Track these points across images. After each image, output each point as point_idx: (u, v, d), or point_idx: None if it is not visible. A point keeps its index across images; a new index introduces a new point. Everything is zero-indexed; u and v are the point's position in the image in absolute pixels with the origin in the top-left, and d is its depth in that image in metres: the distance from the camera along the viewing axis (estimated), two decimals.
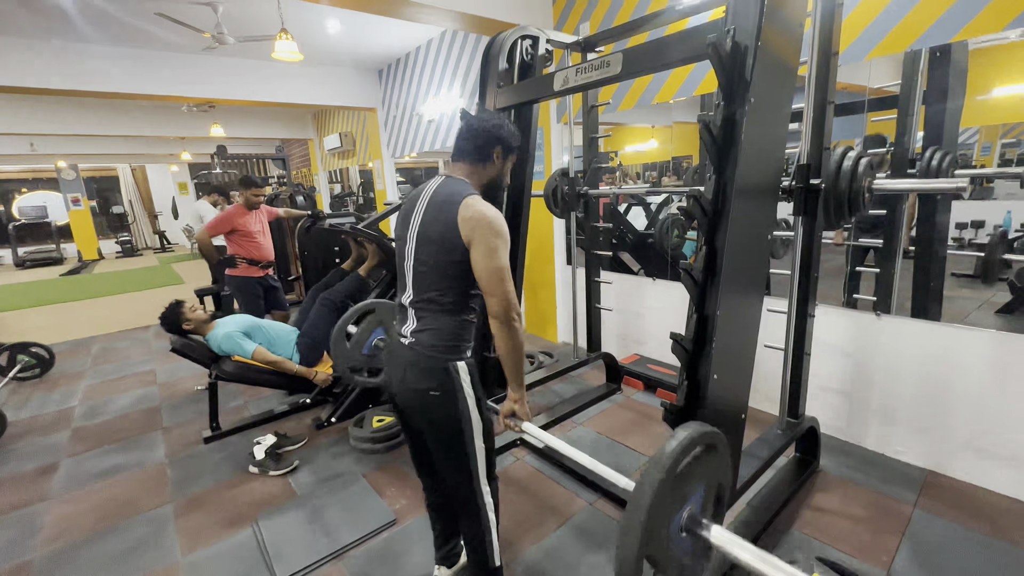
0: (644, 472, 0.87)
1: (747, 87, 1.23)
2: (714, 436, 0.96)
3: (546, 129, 3.70)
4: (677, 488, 0.90)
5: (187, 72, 4.77)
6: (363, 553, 1.81)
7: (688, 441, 0.90)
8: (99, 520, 2.08)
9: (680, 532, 0.93)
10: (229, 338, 2.66)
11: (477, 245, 1.20)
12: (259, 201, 3.45)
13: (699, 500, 0.96)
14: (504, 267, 1.21)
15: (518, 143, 1.40)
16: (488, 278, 1.20)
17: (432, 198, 1.28)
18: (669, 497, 0.88)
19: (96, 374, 3.90)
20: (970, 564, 1.61)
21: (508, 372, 1.30)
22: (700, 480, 0.95)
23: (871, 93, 2.29)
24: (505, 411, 1.37)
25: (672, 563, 0.91)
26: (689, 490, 0.93)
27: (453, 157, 1.37)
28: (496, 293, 1.20)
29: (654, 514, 0.84)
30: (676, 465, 0.88)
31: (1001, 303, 2.34)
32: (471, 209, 1.21)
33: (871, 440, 2.28)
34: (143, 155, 10.93)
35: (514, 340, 1.24)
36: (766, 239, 1.46)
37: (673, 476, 0.88)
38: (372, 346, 2.14)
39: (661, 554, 0.89)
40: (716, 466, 0.99)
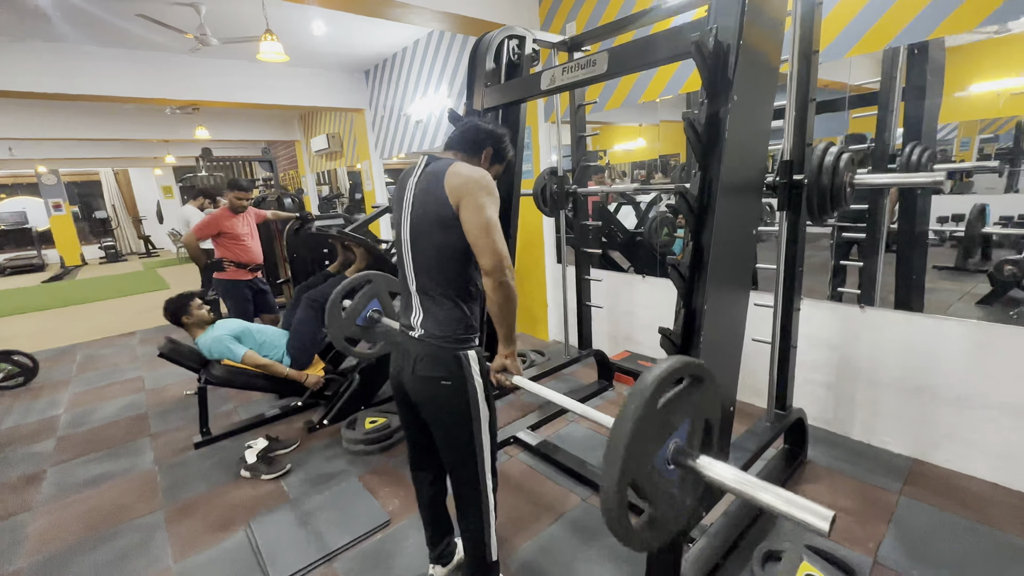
0: (625, 403, 0.86)
1: (730, 85, 1.25)
2: (697, 367, 0.95)
3: (534, 129, 3.71)
4: (661, 419, 0.88)
5: (170, 74, 4.70)
6: (357, 554, 1.80)
7: (669, 371, 0.88)
8: (87, 529, 2.05)
9: (667, 464, 0.93)
10: (219, 341, 2.64)
11: (465, 204, 1.20)
12: (244, 204, 3.42)
13: (685, 432, 0.95)
14: (493, 220, 1.20)
15: (510, 156, 1.44)
16: (478, 233, 1.19)
17: (419, 179, 1.29)
18: (652, 428, 0.86)
19: (81, 382, 3.83)
20: (954, 549, 1.65)
21: (500, 328, 1.30)
22: (685, 412, 0.94)
23: (852, 90, 2.34)
24: (496, 366, 1.37)
25: (660, 494, 0.91)
26: (674, 421, 0.92)
27: (445, 146, 1.40)
28: (487, 248, 1.19)
29: (636, 444, 0.83)
30: (657, 395, 0.86)
31: (982, 294, 2.40)
32: (457, 174, 1.22)
33: (857, 430, 2.32)
34: (126, 159, 10.78)
35: (507, 297, 1.23)
36: (752, 234, 1.48)
37: (654, 408, 0.86)
38: (367, 317, 2.12)
39: (648, 485, 0.88)
40: (702, 398, 0.97)
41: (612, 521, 0.85)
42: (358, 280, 2.13)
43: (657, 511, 0.92)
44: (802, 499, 0.84)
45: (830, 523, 0.79)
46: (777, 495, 0.86)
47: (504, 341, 1.33)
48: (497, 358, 1.36)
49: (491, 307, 1.25)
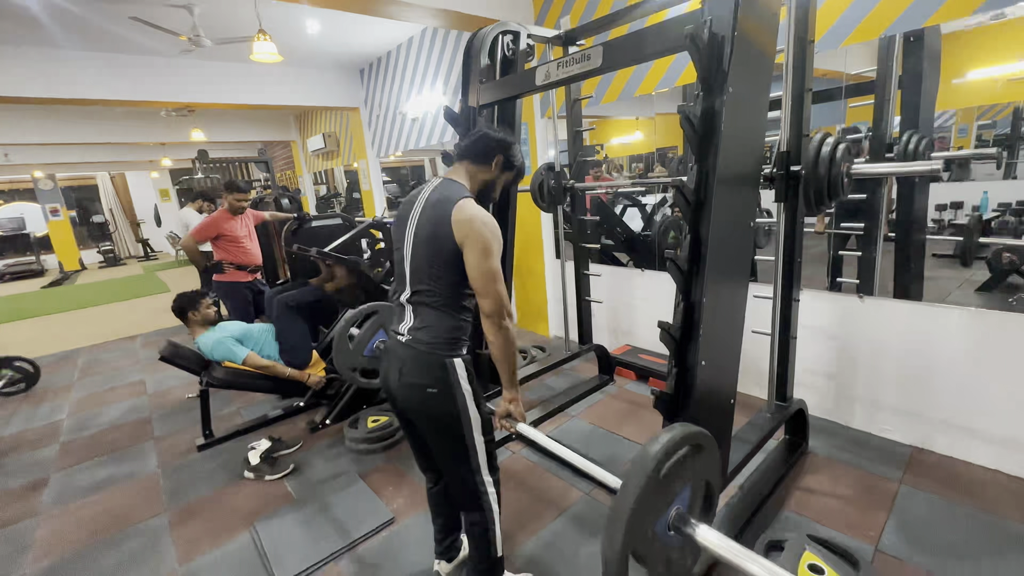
0: (626, 475, 0.89)
1: (725, 77, 1.25)
2: (699, 436, 0.97)
3: (530, 124, 3.70)
4: (662, 489, 0.91)
5: (165, 76, 4.69)
6: (363, 553, 1.81)
7: (671, 444, 0.91)
8: (92, 534, 2.06)
9: (668, 530, 0.95)
10: (221, 343, 2.64)
11: (470, 247, 1.22)
12: (243, 206, 3.41)
13: (686, 499, 0.98)
14: (496, 269, 1.24)
15: (519, 164, 1.45)
16: (481, 279, 1.23)
17: (428, 199, 1.31)
18: (654, 498, 0.89)
19: (83, 386, 3.84)
20: (955, 536, 1.65)
21: (502, 373, 1.33)
22: (686, 479, 0.97)
23: (848, 79, 2.33)
24: (500, 412, 1.40)
25: (658, 559, 0.93)
26: (675, 489, 0.95)
27: (456, 156, 1.42)
28: (488, 294, 1.23)
29: (637, 516, 0.86)
30: (660, 467, 0.89)
31: (980, 282, 2.40)
32: (464, 212, 1.24)
33: (858, 420, 2.33)
34: (122, 162, 10.74)
35: (507, 340, 1.27)
36: (749, 226, 1.48)
37: (656, 480, 0.89)
38: (374, 348, 2.14)
39: (647, 550, 0.90)
40: (703, 465, 1.00)
41: None
42: (364, 311, 2.15)
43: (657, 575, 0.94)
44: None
45: None
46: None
47: (507, 386, 1.36)
48: (501, 403, 1.39)
49: (492, 350, 1.29)
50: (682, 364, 1.36)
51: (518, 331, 4.25)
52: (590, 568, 1.66)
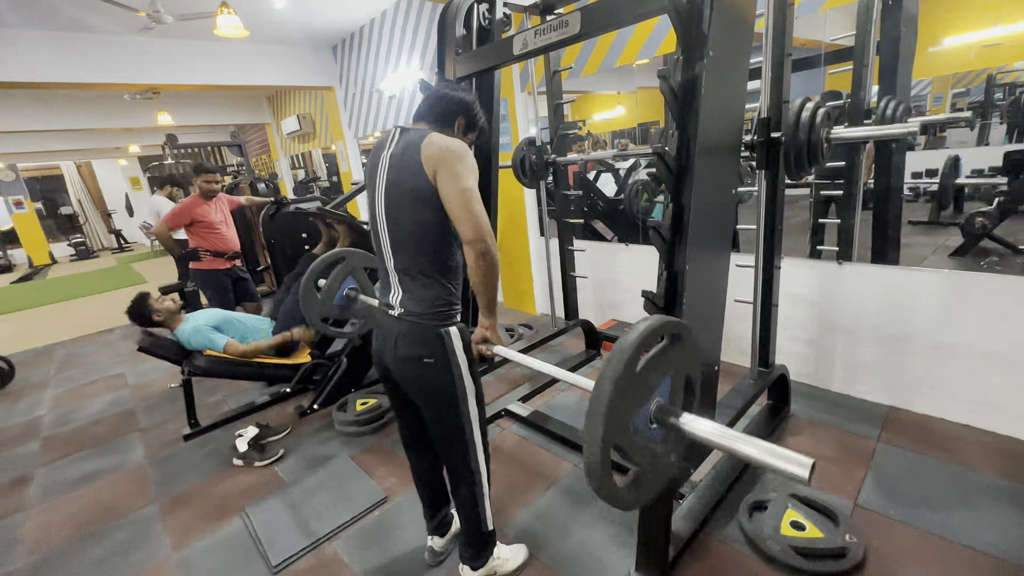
0: (603, 367, 0.87)
1: (705, 40, 1.22)
2: (676, 325, 0.94)
3: (510, 99, 3.63)
4: (641, 380, 0.89)
5: (124, 57, 4.45)
6: (356, 532, 1.83)
7: (647, 332, 0.88)
8: (81, 526, 2.03)
9: (650, 423, 0.94)
10: (198, 332, 2.59)
11: (442, 174, 1.17)
12: (214, 188, 3.30)
13: (667, 390, 0.97)
14: (471, 188, 1.18)
15: (482, 123, 1.39)
16: (457, 202, 1.17)
17: (393, 152, 1.25)
18: (632, 389, 0.87)
19: (62, 381, 3.75)
20: (929, 488, 1.73)
21: (480, 299, 1.27)
22: (666, 371, 0.94)
23: (827, 47, 2.32)
24: (477, 338, 1.35)
25: (642, 453, 0.93)
26: (654, 381, 0.92)
27: (414, 117, 1.35)
28: (466, 217, 1.17)
29: (615, 408, 0.83)
30: (635, 358, 0.86)
31: (954, 246, 2.46)
32: (433, 145, 1.19)
33: (837, 383, 2.40)
34: (87, 150, 10.30)
35: (489, 266, 1.20)
36: (731, 194, 1.48)
37: (633, 369, 0.86)
38: (343, 296, 2.08)
39: (629, 445, 0.89)
40: (682, 356, 0.98)
41: (596, 484, 0.86)
42: (330, 258, 2.08)
43: (641, 470, 0.94)
44: (782, 449, 0.85)
45: (810, 470, 0.81)
46: (758, 447, 0.87)
47: (485, 312, 1.31)
48: (478, 329, 1.35)
49: (472, 277, 1.23)
50: None
51: (504, 310, 4.26)
52: (582, 536, 1.70)
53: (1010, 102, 2.48)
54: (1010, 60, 2.36)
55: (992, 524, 1.55)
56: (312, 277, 2.07)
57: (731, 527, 1.65)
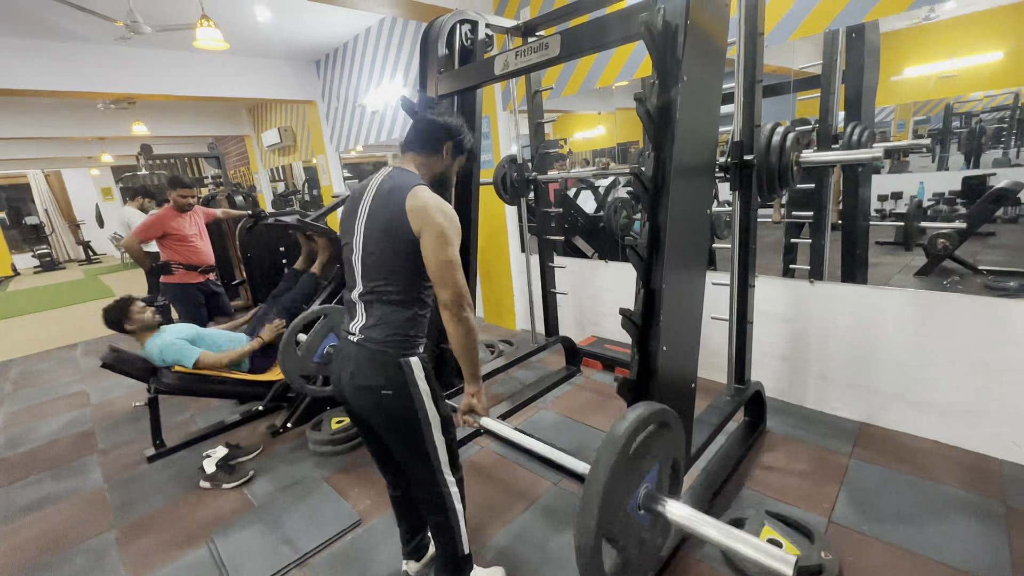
0: (596, 456, 0.88)
1: (679, 65, 1.26)
2: (664, 413, 0.98)
3: (492, 118, 3.67)
4: (631, 468, 0.91)
5: (100, 65, 4.37)
6: (328, 557, 1.76)
7: (638, 421, 0.91)
8: (32, 556, 1.91)
9: (638, 509, 0.95)
10: (170, 347, 2.50)
11: (427, 235, 1.17)
12: (189, 202, 3.23)
13: (654, 477, 0.98)
14: (454, 258, 1.19)
15: (470, 146, 1.40)
16: (439, 269, 1.18)
17: (379, 188, 1.25)
18: (623, 477, 0.89)
19: (17, 399, 3.56)
20: (900, 503, 1.76)
21: (463, 365, 1.28)
22: (654, 457, 0.97)
23: (796, 75, 2.42)
24: (463, 408, 1.36)
25: (631, 540, 0.93)
26: (644, 468, 0.95)
27: (403, 147, 1.35)
28: (447, 284, 1.18)
29: (609, 497, 0.85)
30: (628, 446, 0.89)
31: (919, 266, 2.56)
32: (419, 199, 1.18)
33: (811, 399, 2.44)
34: (57, 159, 10.02)
35: (467, 332, 1.22)
36: (706, 214, 1.51)
37: (626, 458, 0.89)
38: (324, 353, 2.06)
39: (620, 532, 0.90)
40: (669, 442, 1.01)
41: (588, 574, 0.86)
42: (312, 315, 2.07)
43: (629, 556, 0.94)
44: (766, 544, 0.88)
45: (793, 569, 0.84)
46: (744, 540, 0.90)
47: (469, 380, 1.31)
48: (464, 398, 1.34)
49: (452, 343, 1.23)
50: (644, 350, 1.38)
51: (485, 326, 4.23)
52: (561, 558, 1.67)
53: (967, 130, 2.63)
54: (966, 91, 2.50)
55: (961, 538, 1.58)
56: (292, 333, 2.05)
57: (709, 545, 1.64)
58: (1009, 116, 2.50)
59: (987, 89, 2.43)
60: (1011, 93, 2.44)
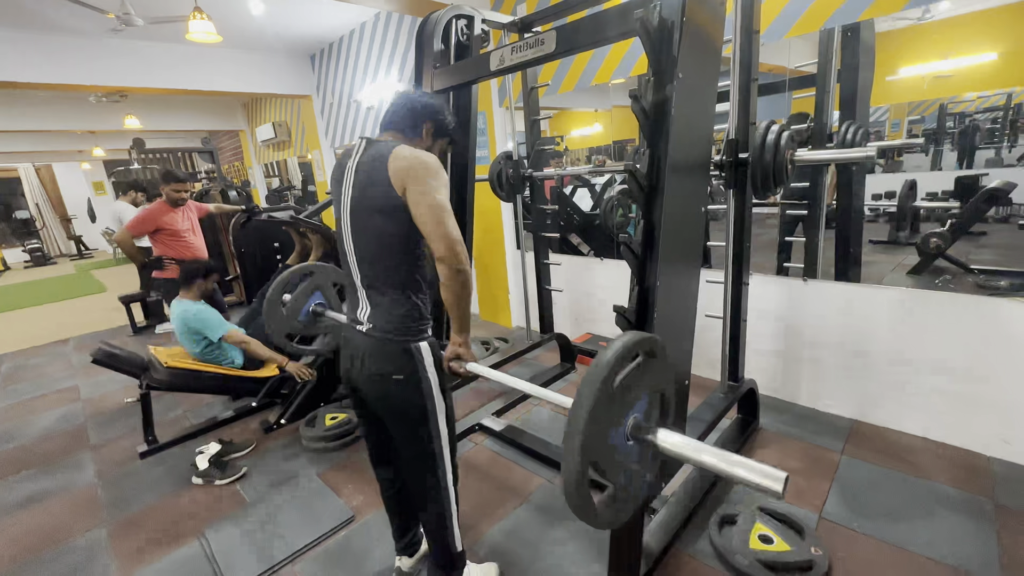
0: (580, 385, 0.86)
1: (675, 62, 1.26)
2: (651, 342, 0.94)
3: (489, 114, 3.66)
4: (617, 398, 0.88)
5: (92, 58, 4.32)
6: (321, 553, 1.75)
7: (623, 349, 0.88)
8: (20, 553, 1.89)
9: (627, 441, 0.94)
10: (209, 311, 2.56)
11: (412, 188, 1.13)
12: (182, 197, 3.20)
13: (643, 407, 0.96)
14: (443, 204, 1.14)
15: (451, 128, 1.37)
16: (428, 218, 1.13)
17: (359, 164, 1.21)
18: (609, 407, 0.86)
19: (7, 395, 3.52)
20: (890, 500, 1.77)
21: (453, 316, 1.24)
22: (641, 387, 0.94)
23: (791, 74, 2.43)
24: (449, 355, 1.30)
25: (619, 471, 0.92)
26: (631, 398, 0.92)
27: (381, 127, 1.32)
28: (438, 233, 1.13)
29: (594, 426, 0.83)
30: (612, 375, 0.86)
31: (911, 265, 2.58)
32: (401, 157, 1.14)
33: (803, 396, 2.46)
34: (48, 152, 9.91)
35: (463, 284, 1.18)
36: (701, 212, 1.51)
37: (610, 386, 0.86)
38: (309, 312, 2.01)
39: (607, 463, 0.89)
40: (657, 371, 0.97)
41: (575, 504, 0.85)
42: (297, 273, 2.03)
43: (618, 488, 0.93)
44: (757, 463, 0.86)
45: (783, 484, 0.82)
46: (734, 462, 0.88)
47: (457, 328, 1.28)
48: (450, 346, 1.32)
49: (445, 294, 1.20)
50: None
51: (480, 322, 4.23)
52: (554, 554, 1.67)
53: (960, 130, 2.65)
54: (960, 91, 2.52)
55: (950, 535, 1.60)
56: (277, 292, 2.01)
57: (701, 541, 1.65)
58: (1002, 117, 2.52)
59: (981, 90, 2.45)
60: (1004, 94, 2.46)
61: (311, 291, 2.01)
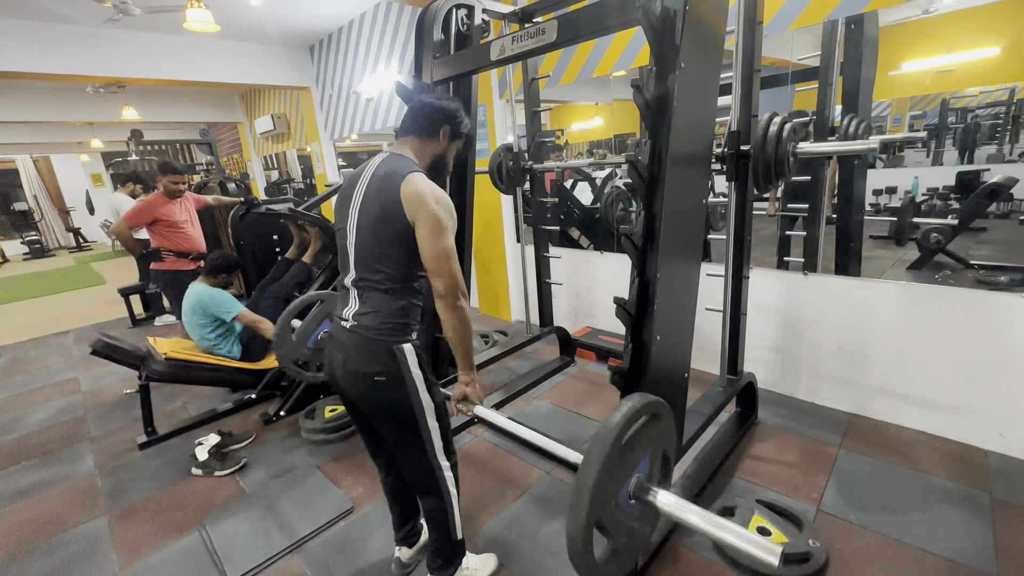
0: (589, 448, 0.89)
1: (677, 52, 1.25)
2: (656, 405, 0.98)
3: (489, 106, 3.63)
4: (623, 459, 0.92)
5: (89, 48, 4.27)
6: (321, 544, 1.76)
7: (631, 413, 0.92)
8: (21, 542, 1.90)
9: (629, 500, 0.96)
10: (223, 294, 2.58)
11: (422, 224, 1.16)
12: (179, 189, 3.19)
13: (646, 467, 0.99)
14: (449, 247, 1.18)
15: (467, 130, 1.39)
16: (434, 258, 1.17)
17: (374, 174, 1.24)
18: (615, 468, 0.90)
19: (7, 386, 3.52)
20: (887, 493, 1.78)
21: (457, 354, 1.28)
22: (645, 448, 0.98)
23: (794, 67, 2.41)
24: (457, 395, 1.36)
25: (621, 528, 0.94)
26: (635, 458, 0.95)
27: (399, 132, 1.34)
28: (442, 273, 1.17)
29: (600, 487, 0.86)
30: (620, 438, 0.89)
31: (912, 260, 2.58)
32: (414, 186, 1.17)
33: (802, 391, 2.46)
34: (46, 144, 9.86)
35: (461, 321, 1.22)
36: (701, 204, 1.51)
37: (618, 449, 0.89)
38: (318, 339, 2.05)
39: (610, 522, 0.91)
40: (660, 433, 1.01)
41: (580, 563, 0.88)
42: (308, 300, 2.05)
43: (619, 544, 0.95)
44: (756, 536, 0.89)
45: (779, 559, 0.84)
46: (734, 532, 0.90)
47: (463, 368, 1.31)
48: (457, 386, 1.34)
49: (446, 331, 1.23)
50: (637, 339, 1.38)
51: (479, 316, 4.23)
52: (552, 545, 1.68)
53: (962, 126, 2.63)
54: (962, 86, 2.50)
55: (946, 528, 1.60)
56: (288, 318, 2.04)
57: (699, 534, 1.66)
58: (1004, 112, 2.51)
59: (983, 84, 2.43)
60: (1007, 89, 2.45)
61: (322, 318, 2.03)
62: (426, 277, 1.25)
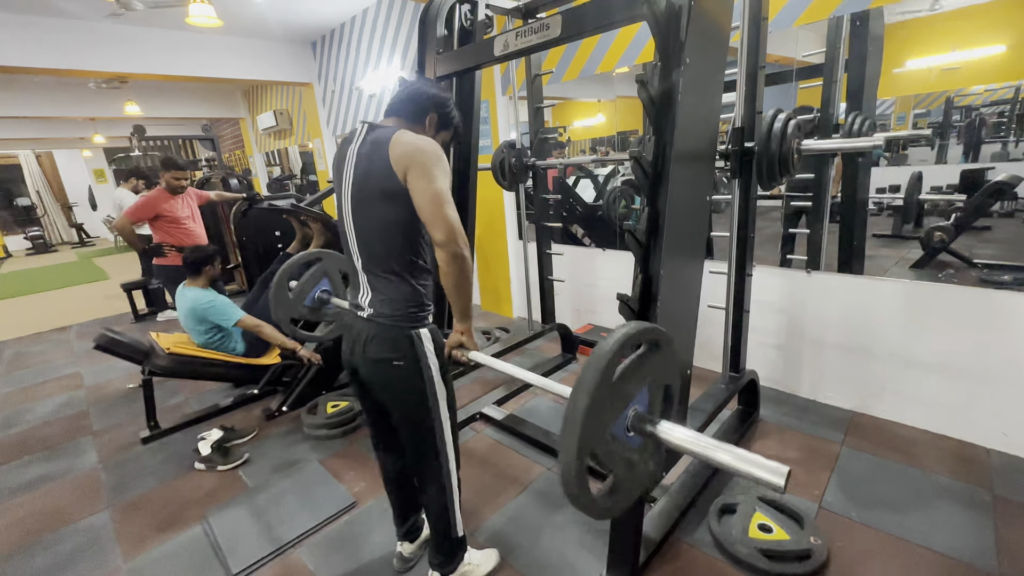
0: (580, 375, 0.85)
1: (682, 47, 1.24)
2: (654, 332, 0.92)
3: (492, 102, 3.63)
4: (618, 388, 0.87)
5: (91, 43, 4.27)
6: (323, 538, 1.77)
7: (625, 338, 0.86)
8: (24, 536, 1.91)
9: (627, 431, 0.93)
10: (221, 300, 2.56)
11: (414, 175, 1.12)
12: (182, 184, 3.19)
13: (645, 399, 0.95)
14: (443, 191, 1.14)
15: (456, 122, 1.36)
16: (429, 205, 1.13)
17: (360, 148, 1.20)
18: (609, 397, 0.85)
19: (10, 381, 3.54)
20: (889, 491, 1.78)
21: (454, 303, 1.25)
22: (644, 379, 0.92)
23: (798, 64, 2.40)
24: (452, 343, 1.32)
25: (619, 461, 0.91)
26: (631, 389, 0.91)
27: (386, 112, 1.31)
28: (438, 221, 1.13)
29: (592, 414, 0.82)
30: (613, 364, 0.84)
31: (915, 259, 2.57)
32: (402, 143, 1.14)
33: (804, 388, 2.46)
34: (48, 139, 9.85)
35: (461, 271, 1.17)
36: (705, 200, 1.50)
37: (610, 377, 0.84)
38: (315, 298, 2.01)
39: (606, 452, 0.87)
40: (660, 363, 0.96)
41: (572, 493, 0.84)
42: (305, 258, 2.03)
43: (618, 478, 0.93)
44: (759, 457, 0.85)
45: (785, 478, 0.80)
46: (734, 454, 0.87)
47: (459, 316, 1.29)
48: (452, 334, 1.32)
49: (444, 281, 1.20)
50: None
51: (481, 312, 4.23)
52: (554, 540, 1.68)
53: (966, 124, 2.62)
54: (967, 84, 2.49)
55: (947, 526, 1.60)
56: (285, 276, 2.02)
57: (701, 530, 1.66)
58: (1009, 110, 2.49)
59: (988, 82, 2.42)
60: (1012, 87, 2.43)
61: (319, 277, 2.01)
62: (428, 251, 1.22)
